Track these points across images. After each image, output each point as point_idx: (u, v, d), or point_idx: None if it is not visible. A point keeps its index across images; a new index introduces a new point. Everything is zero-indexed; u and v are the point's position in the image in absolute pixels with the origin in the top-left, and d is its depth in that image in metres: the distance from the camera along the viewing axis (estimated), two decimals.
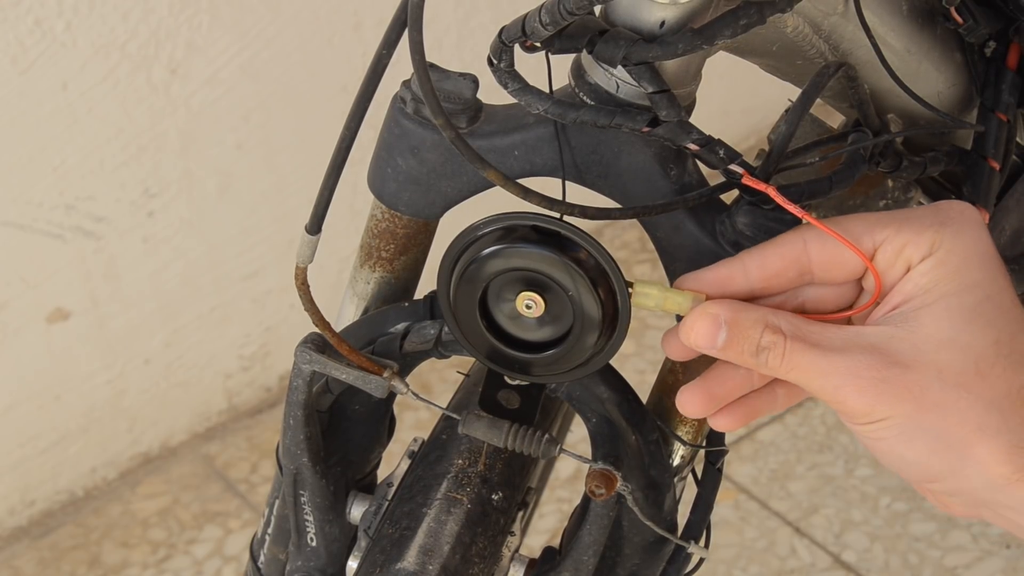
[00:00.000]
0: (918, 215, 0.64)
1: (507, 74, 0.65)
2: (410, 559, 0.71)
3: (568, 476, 1.83)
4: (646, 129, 0.65)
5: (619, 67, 0.65)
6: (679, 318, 0.66)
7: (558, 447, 0.71)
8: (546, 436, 0.71)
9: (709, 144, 0.65)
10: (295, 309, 1.89)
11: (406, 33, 0.64)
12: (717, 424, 0.68)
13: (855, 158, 0.69)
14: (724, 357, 0.64)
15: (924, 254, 0.63)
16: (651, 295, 0.65)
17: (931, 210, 0.64)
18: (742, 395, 0.67)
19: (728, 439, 0.81)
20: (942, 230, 0.63)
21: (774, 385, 0.68)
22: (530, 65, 0.67)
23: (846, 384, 0.62)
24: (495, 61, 0.65)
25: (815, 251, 0.64)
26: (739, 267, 0.65)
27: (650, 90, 0.64)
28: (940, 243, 0.63)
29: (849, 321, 0.66)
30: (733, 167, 0.65)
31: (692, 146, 0.65)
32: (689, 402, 0.67)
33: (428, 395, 0.74)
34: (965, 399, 0.61)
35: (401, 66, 0.66)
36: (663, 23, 0.63)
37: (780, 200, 0.64)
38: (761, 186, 0.64)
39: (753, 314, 0.63)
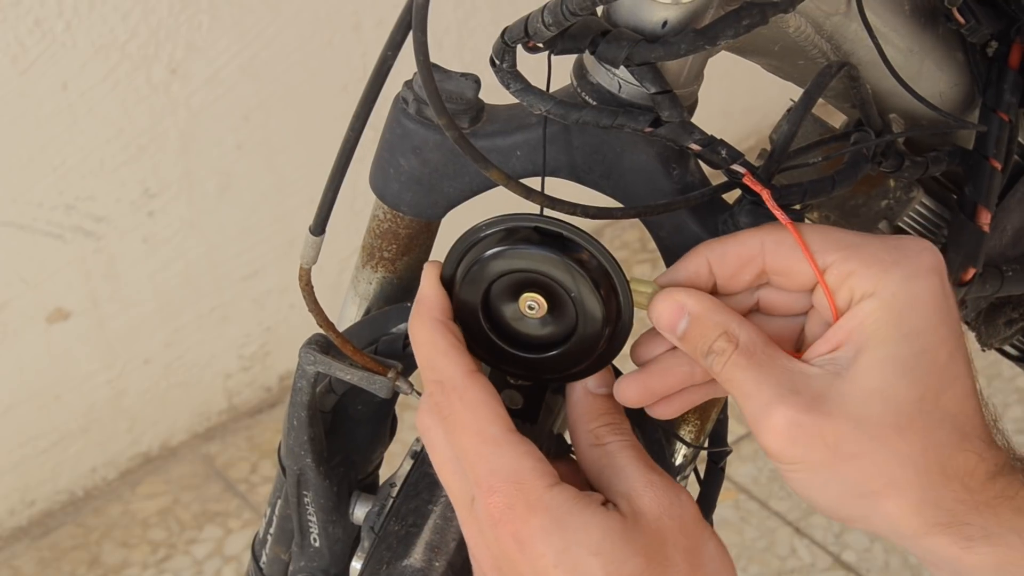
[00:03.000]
0: (875, 247, 0.63)
1: (509, 74, 0.65)
2: (416, 555, 0.71)
3: None
4: (648, 129, 0.65)
5: (621, 67, 0.65)
6: None
7: (568, 449, 0.71)
8: (557, 437, 0.71)
9: (711, 144, 0.65)
10: (295, 309, 1.89)
11: (409, 35, 0.64)
12: (655, 413, 0.68)
13: (857, 158, 0.70)
14: (681, 347, 0.64)
15: (867, 290, 0.62)
16: (645, 293, 0.66)
17: (890, 245, 0.63)
18: (683, 388, 0.67)
19: (728, 439, 0.81)
20: (892, 269, 0.62)
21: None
22: (531, 65, 0.67)
23: (764, 417, 0.61)
24: (497, 61, 0.65)
25: (770, 258, 0.64)
26: (703, 262, 0.65)
27: (652, 91, 0.64)
28: (886, 284, 0.61)
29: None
30: (735, 167, 0.65)
31: (694, 146, 0.65)
32: (625, 392, 0.67)
33: None
34: (880, 452, 0.61)
35: (402, 66, 0.66)
36: (665, 23, 0.63)
37: (771, 206, 0.64)
38: (757, 187, 0.64)
39: (717, 316, 0.63)
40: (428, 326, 0.65)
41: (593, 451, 0.65)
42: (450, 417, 0.63)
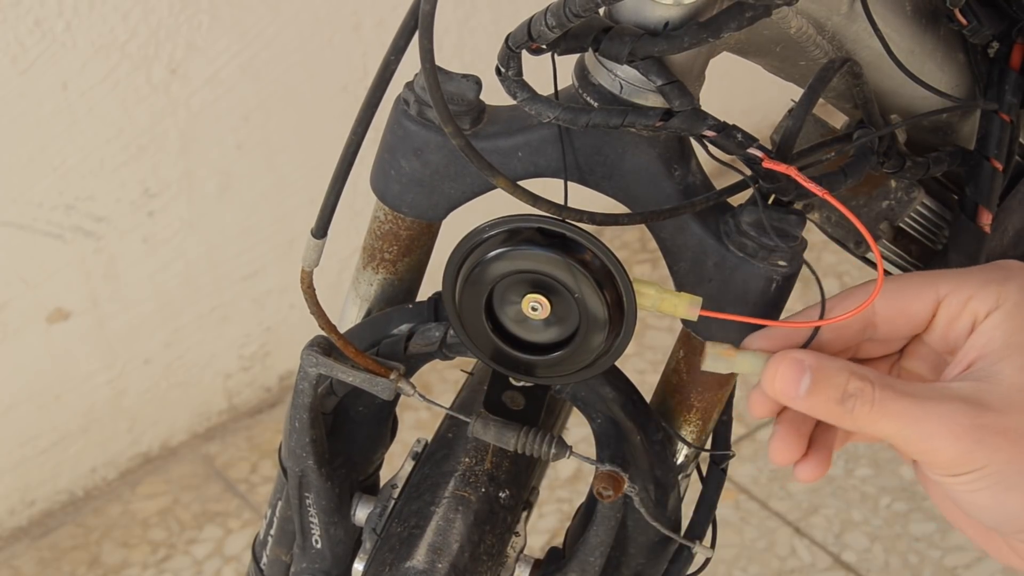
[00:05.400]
0: (979, 271, 0.64)
1: (516, 83, 0.65)
2: (419, 557, 0.71)
3: (568, 476, 1.83)
4: (659, 123, 0.64)
5: (624, 67, 0.65)
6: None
7: (568, 450, 0.71)
8: (556, 439, 0.71)
9: (726, 129, 0.64)
10: (295, 309, 1.89)
11: (412, 38, 0.64)
12: (802, 474, 0.68)
13: (863, 150, 0.70)
14: (807, 407, 0.63)
15: (991, 307, 0.63)
16: (648, 295, 0.65)
17: (991, 267, 0.65)
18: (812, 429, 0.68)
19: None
20: (1006, 284, 0.63)
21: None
22: (531, 64, 0.67)
23: (941, 431, 0.60)
24: (503, 69, 0.65)
25: (880, 304, 0.64)
26: (805, 320, 0.65)
27: (659, 83, 0.64)
28: (1007, 296, 0.63)
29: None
30: (752, 150, 0.64)
31: (709, 132, 0.64)
32: (783, 450, 0.67)
33: (429, 395, 0.74)
34: None
35: (402, 67, 0.66)
36: (667, 24, 0.63)
37: (802, 179, 0.63)
38: (782, 167, 0.64)
39: (836, 362, 0.63)
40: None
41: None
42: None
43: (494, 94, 0.70)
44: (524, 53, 0.65)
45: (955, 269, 0.65)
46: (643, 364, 1.93)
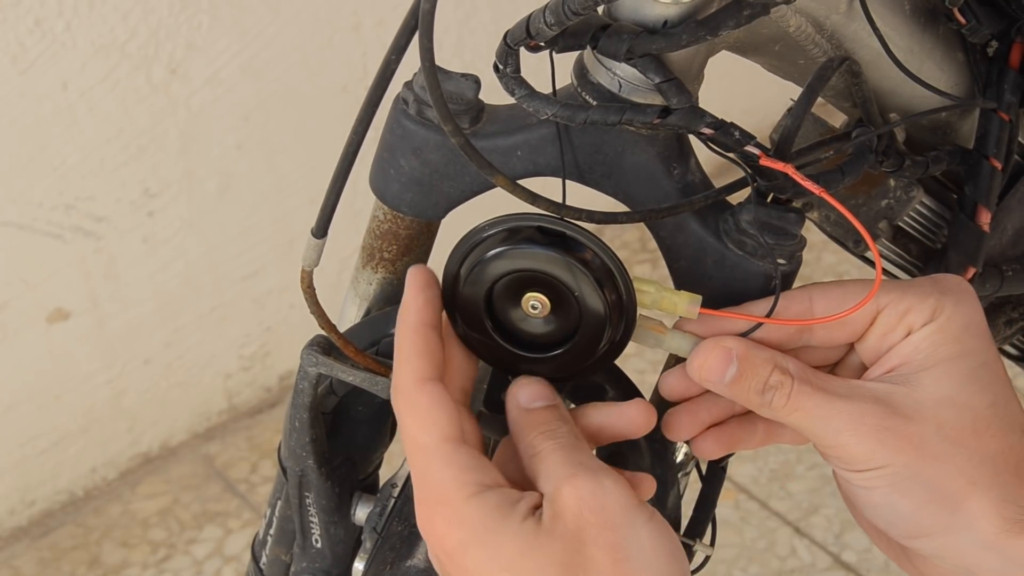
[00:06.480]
0: (918, 284, 0.66)
1: (514, 80, 0.65)
2: (420, 556, 0.71)
3: None
4: (657, 120, 0.64)
5: (622, 65, 0.65)
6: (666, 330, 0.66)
7: None
8: None
9: (723, 127, 0.65)
10: (295, 309, 1.89)
11: (412, 38, 0.64)
12: (699, 449, 0.69)
13: (862, 149, 0.70)
14: (729, 394, 0.65)
15: (926, 319, 0.65)
16: (648, 293, 0.66)
17: (930, 280, 0.67)
18: (724, 419, 0.69)
19: None
20: (943, 298, 0.65)
21: (754, 417, 0.69)
22: (531, 63, 0.67)
23: (848, 429, 0.63)
24: (501, 66, 0.65)
25: (820, 308, 0.66)
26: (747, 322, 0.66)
27: (657, 80, 0.64)
28: (942, 310, 0.65)
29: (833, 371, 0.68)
30: (749, 148, 0.65)
31: (707, 130, 0.64)
32: (675, 425, 0.69)
33: None
34: (962, 454, 0.63)
35: (402, 67, 0.66)
36: (666, 22, 0.63)
37: (798, 177, 0.63)
38: (779, 165, 0.64)
39: (764, 353, 0.65)
40: (399, 331, 0.64)
41: (532, 461, 0.63)
42: (400, 422, 0.63)
43: (494, 93, 0.70)
44: (523, 51, 0.65)
45: (896, 281, 0.67)
46: (643, 364, 1.93)
